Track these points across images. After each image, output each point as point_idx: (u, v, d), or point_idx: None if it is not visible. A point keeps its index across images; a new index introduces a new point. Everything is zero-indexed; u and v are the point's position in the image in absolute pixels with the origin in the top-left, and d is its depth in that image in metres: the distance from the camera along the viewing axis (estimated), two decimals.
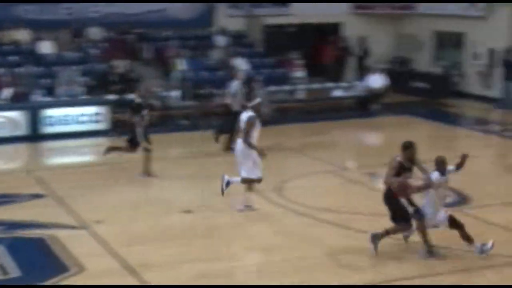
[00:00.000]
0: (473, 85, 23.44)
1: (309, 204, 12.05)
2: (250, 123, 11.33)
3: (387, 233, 9.76)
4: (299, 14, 24.79)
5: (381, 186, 10.33)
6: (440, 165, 9.79)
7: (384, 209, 11.77)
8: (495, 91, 21.92)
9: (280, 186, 13.16)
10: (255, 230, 10.97)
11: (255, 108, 11.59)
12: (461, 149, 16.82)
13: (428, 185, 9.61)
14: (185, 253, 9.86)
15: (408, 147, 9.96)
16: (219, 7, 24.15)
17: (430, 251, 9.65)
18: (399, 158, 9.95)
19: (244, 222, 11.31)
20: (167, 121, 19.14)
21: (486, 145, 17.11)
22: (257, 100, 11.85)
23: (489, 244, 9.64)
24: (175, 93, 20.08)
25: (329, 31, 25.95)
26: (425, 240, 9.67)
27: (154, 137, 14.03)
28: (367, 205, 11.99)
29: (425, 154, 15.71)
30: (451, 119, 20.47)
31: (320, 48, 25.43)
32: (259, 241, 10.42)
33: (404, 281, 8.95)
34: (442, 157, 9.88)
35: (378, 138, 19.31)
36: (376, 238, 9.74)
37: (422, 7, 24.91)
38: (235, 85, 16.13)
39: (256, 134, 11.47)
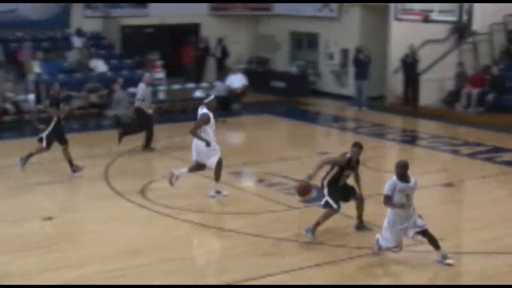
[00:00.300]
0: (329, 84, 24.29)
1: (174, 205, 12.02)
2: (202, 118, 12.11)
3: (317, 224, 10.22)
4: (157, 15, 24.65)
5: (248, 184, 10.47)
6: (400, 169, 9.24)
7: (251, 208, 12.02)
8: (349, 90, 22.83)
9: (144, 187, 13.04)
10: (119, 233, 10.80)
11: (208, 105, 12.21)
12: (319, 146, 17.50)
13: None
14: (47, 261, 9.55)
15: (356, 145, 10.40)
16: (75, 7, 23.54)
17: (313, 230, 10.16)
18: (349, 155, 10.35)
19: (107, 226, 11.11)
20: (22, 125, 18.46)
21: (343, 141, 17.74)
22: (212, 97, 12.45)
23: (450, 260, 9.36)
24: (30, 97, 19.39)
25: (188, 32, 25.99)
26: (318, 223, 10.19)
27: (10, 143, 13.50)
28: (233, 204, 12.15)
29: (285, 152, 16.20)
30: (309, 117, 21.09)
31: (179, 49, 25.42)
32: (124, 244, 10.27)
33: (265, 280, 9.12)
34: (404, 161, 9.40)
35: (240, 137, 19.57)
36: (310, 231, 10.14)
37: (278, 8, 25.51)
38: (142, 88, 16.15)
39: (210, 130, 12.16)
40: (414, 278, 9.11)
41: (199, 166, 12.58)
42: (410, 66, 21.14)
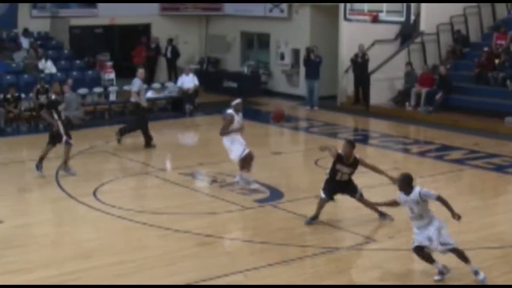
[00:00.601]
0: (280, 84, 24.40)
1: (126, 206, 11.92)
2: (224, 118, 13.20)
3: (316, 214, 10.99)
4: (107, 15, 24.41)
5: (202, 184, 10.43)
6: (399, 183, 9.01)
7: (204, 208, 12.00)
8: (301, 90, 22.96)
9: (97, 189, 12.89)
10: (71, 236, 10.66)
11: (235, 108, 13.19)
12: (272, 146, 17.55)
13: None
14: None
15: (345, 142, 10.98)
16: (22, 7, 23.14)
17: (312, 218, 10.93)
18: (340, 151, 10.86)
19: (59, 229, 10.97)
20: None
21: (295, 141, 17.87)
22: (238, 101, 13.33)
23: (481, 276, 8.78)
24: None
25: (139, 32, 25.81)
26: (316, 214, 10.97)
27: None
28: (186, 205, 12.11)
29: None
30: (261, 117, 21.13)
31: (130, 49, 25.22)
32: (77, 247, 10.14)
33: (219, 280, 9.11)
34: (402, 175, 9.12)
35: (193, 138, 19.52)
36: (312, 220, 10.90)
37: (229, 8, 25.51)
38: (137, 82, 16.45)
39: (235, 127, 13.01)
40: (365, 276, 9.21)
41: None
42: (360, 66, 21.38)
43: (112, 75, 22.06)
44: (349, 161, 10.89)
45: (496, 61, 20.18)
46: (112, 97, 21.24)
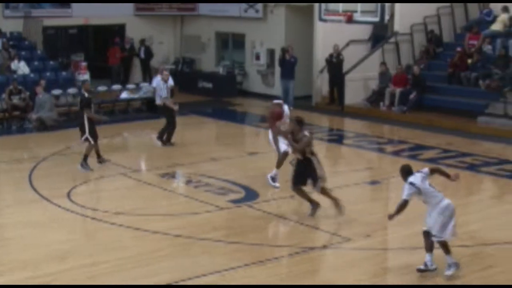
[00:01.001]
0: (256, 84, 24.42)
1: (101, 208, 11.88)
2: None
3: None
4: (81, 15, 24.26)
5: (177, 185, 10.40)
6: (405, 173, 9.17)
7: (180, 209, 11.98)
8: (276, 90, 23.00)
9: (71, 191, 12.82)
10: (46, 238, 10.59)
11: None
12: (248, 146, 17.57)
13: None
14: None
15: (294, 121, 11.66)
16: None
17: (315, 207, 11.24)
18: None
19: (33, 231, 10.89)
20: None
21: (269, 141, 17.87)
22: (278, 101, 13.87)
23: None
24: None
25: (113, 32, 25.70)
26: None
27: None
28: (161, 206, 12.09)
29: (214, 153, 16.20)
30: (237, 118, 21.16)
31: (105, 50, 25.10)
32: (51, 249, 10.08)
33: (194, 281, 9.12)
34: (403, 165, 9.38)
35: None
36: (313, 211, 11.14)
37: (204, 9, 25.48)
38: (158, 84, 16.95)
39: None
40: (340, 276, 9.26)
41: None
42: (334, 66, 21.47)
43: (86, 76, 21.90)
44: (297, 138, 11.26)
45: (469, 61, 20.38)
46: None
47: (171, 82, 21.57)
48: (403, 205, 9.09)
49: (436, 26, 22.10)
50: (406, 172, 9.25)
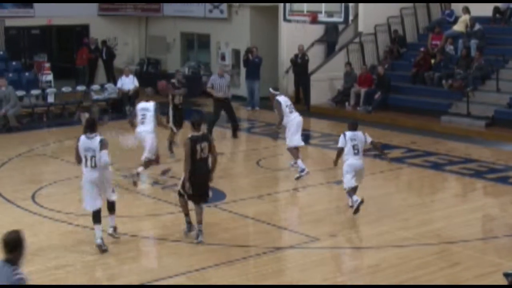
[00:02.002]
0: None
1: (66, 210, 11.75)
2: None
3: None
4: (44, 16, 23.98)
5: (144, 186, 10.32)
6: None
7: (147, 210, 11.91)
8: (242, 90, 23.01)
9: (36, 193, 12.67)
10: None
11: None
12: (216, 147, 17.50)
13: None
14: None
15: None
16: None
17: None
18: None
19: None
20: None
21: (237, 142, 17.87)
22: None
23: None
24: None
25: (78, 33, 25.46)
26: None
27: None
28: (128, 208, 11.98)
29: (180, 153, 16.10)
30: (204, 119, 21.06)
31: (68, 50, 24.86)
32: None
33: (162, 282, 9.09)
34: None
35: (134, 139, 19.24)
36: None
37: (168, 9, 25.36)
38: (213, 78, 17.83)
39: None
40: (308, 275, 9.29)
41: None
42: (300, 66, 21.55)
43: (50, 77, 21.68)
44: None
45: (432, 61, 20.64)
46: (50, 99, 20.86)
47: (136, 83, 21.55)
48: (338, 152, 11.77)
49: (400, 27, 22.33)
50: (351, 125, 11.93)
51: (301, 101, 21.82)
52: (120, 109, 21.05)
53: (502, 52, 19.51)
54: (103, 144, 9.70)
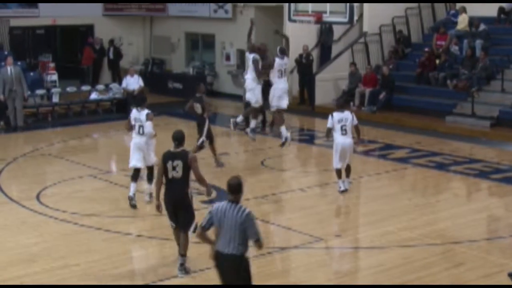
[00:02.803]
0: (226, 85, 24.41)
1: (71, 210, 11.77)
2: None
3: None
4: (48, 16, 24.02)
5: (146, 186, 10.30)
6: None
7: (149, 211, 11.93)
8: None
9: (41, 193, 12.70)
10: (15, 240, 10.47)
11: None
12: (219, 146, 17.52)
13: None
14: None
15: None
16: None
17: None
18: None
19: (2, 233, 10.76)
20: None
21: (242, 142, 17.86)
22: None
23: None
24: None
25: (82, 33, 25.49)
26: None
27: None
28: (131, 208, 11.99)
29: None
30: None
31: (73, 50, 24.89)
32: (20, 252, 9.98)
33: (165, 282, 9.09)
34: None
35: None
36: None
37: (173, 9, 25.38)
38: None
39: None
40: (312, 276, 9.30)
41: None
42: (304, 66, 21.53)
43: (54, 77, 21.71)
44: None
45: (437, 61, 20.61)
46: (55, 98, 20.90)
47: (140, 82, 21.53)
48: (327, 132, 12.73)
49: (404, 27, 22.31)
50: (338, 105, 12.88)
51: (305, 101, 21.82)
52: (125, 109, 21.06)
53: (507, 53, 19.47)
54: (148, 116, 11.97)
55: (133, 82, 21.30)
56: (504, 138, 17.22)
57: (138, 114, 12.06)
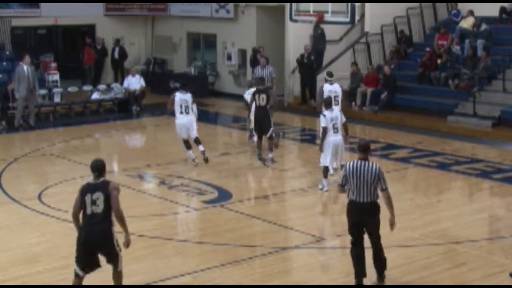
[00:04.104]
0: (228, 85, 24.41)
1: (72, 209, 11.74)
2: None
3: None
4: (50, 16, 24.03)
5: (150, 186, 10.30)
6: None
7: (152, 210, 11.94)
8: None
9: (42, 193, 12.70)
10: (17, 240, 10.48)
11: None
12: (221, 146, 17.54)
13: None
14: None
15: None
16: None
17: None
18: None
19: (4, 233, 10.77)
20: None
21: (243, 142, 17.87)
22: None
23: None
24: None
25: (84, 33, 25.50)
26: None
27: None
28: (134, 207, 11.99)
29: (183, 154, 16.19)
30: (208, 118, 21.12)
31: (75, 50, 24.90)
32: (22, 252, 9.98)
33: (168, 282, 9.09)
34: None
35: (140, 139, 19.36)
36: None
37: (175, 9, 25.38)
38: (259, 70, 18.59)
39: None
40: (314, 275, 9.30)
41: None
42: (306, 66, 21.52)
43: (56, 76, 21.72)
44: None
45: (438, 61, 20.59)
46: (57, 98, 20.91)
47: (142, 82, 21.55)
48: (323, 132, 12.61)
49: (406, 27, 22.30)
50: (327, 103, 12.93)
51: (307, 101, 21.81)
52: (127, 109, 21.10)
53: (509, 52, 19.45)
54: (193, 99, 14.48)
55: (135, 82, 21.35)
56: (506, 138, 17.21)
57: (184, 96, 14.27)
